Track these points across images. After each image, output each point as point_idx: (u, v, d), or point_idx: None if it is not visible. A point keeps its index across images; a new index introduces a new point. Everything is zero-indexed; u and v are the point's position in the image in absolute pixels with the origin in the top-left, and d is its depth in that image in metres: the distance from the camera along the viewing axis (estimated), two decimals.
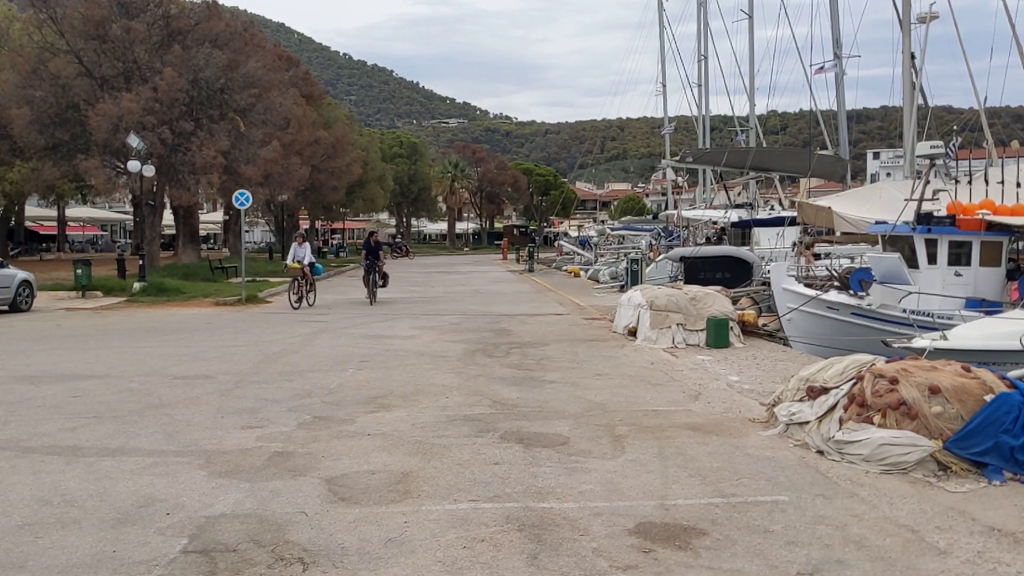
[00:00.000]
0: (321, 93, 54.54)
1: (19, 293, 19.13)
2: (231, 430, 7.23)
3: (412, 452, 6.44)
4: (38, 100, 27.95)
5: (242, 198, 22.79)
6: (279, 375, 10.27)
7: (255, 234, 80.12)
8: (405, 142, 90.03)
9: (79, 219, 63.04)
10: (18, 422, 7.59)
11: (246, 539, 4.56)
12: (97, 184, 30.70)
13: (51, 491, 5.47)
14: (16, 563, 4.23)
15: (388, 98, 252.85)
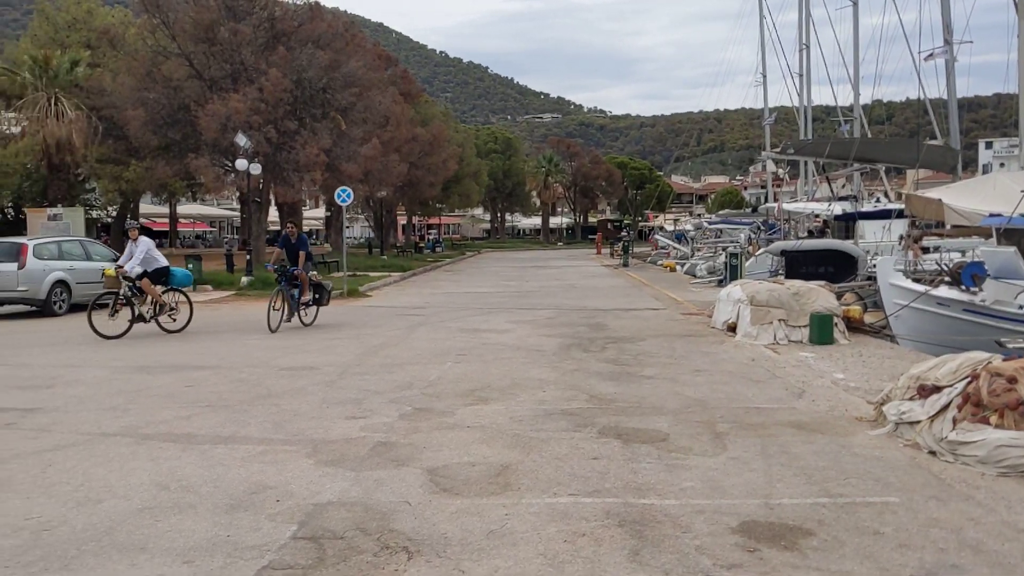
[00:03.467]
0: (418, 91, 55.30)
1: None
2: (336, 420, 7.42)
3: (511, 445, 6.49)
4: (152, 102, 29.19)
5: (344, 195, 23.32)
6: (380, 367, 10.48)
7: (355, 230, 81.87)
8: (500, 138, 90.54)
9: (189, 216, 65.59)
10: (136, 410, 7.96)
11: (352, 527, 4.68)
12: (207, 182, 31.89)
13: (168, 476, 5.71)
14: (138, 545, 4.44)
15: (483, 94, 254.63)
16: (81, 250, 19.36)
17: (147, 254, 14.10)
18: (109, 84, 32.01)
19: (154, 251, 14.40)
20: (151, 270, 14.09)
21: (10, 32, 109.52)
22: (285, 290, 14.68)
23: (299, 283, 15.04)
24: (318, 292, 15.43)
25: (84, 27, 39.82)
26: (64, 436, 6.90)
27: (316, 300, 15.38)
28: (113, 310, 13.72)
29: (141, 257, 13.96)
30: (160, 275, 14.29)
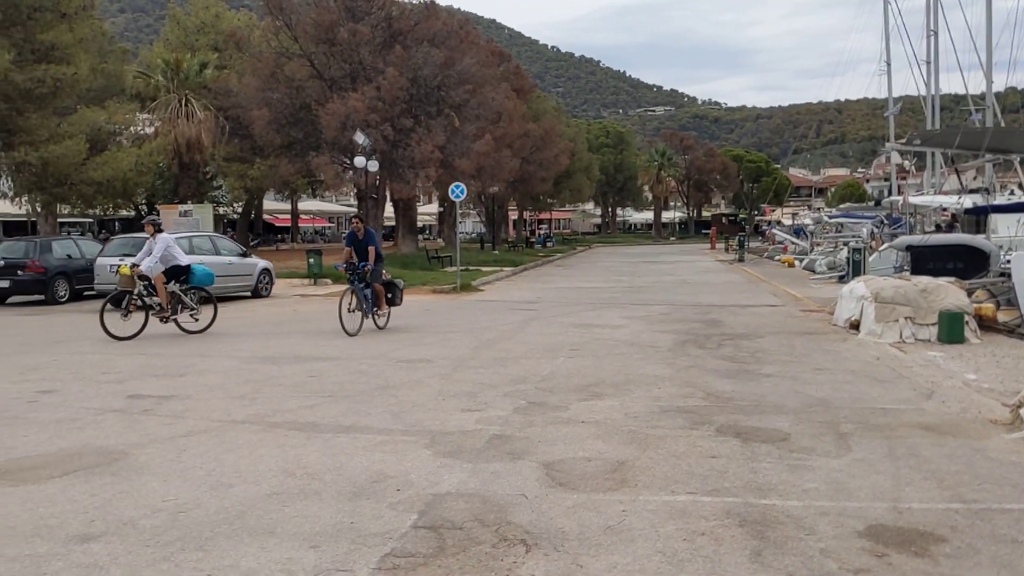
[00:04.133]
0: (530, 86, 55.46)
1: (260, 280, 20.84)
2: (452, 412, 7.53)
3: (626, 441, 6.45)
4: (275, 102, 30.27)
5: (457, 190, 23.63)
6: (494, 361, 10.58)
7: (466, 225, 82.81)
8: (611, 132, 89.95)
9: (309, 212, 67.68)
10: (263, 399, 8.27)
11: (471, 518, 4.75)
12: (326, 179, 32.84)
13: (294, 463, 5.92)
14: (267, 529, 4.61)
15: (595, 88, 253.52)
16: (210, 245, 20.23)
17: (166, 251, 13.41)
18: (235, 85, 33.34)
19: (173, 248, 13.70)
20: (169, 268, 13.45)
21: (144, 37, 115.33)
22: (358, 290, 13.49)
23: (370, 281, 13.76)
24: (390, 291, 14.26)
25: (212, 30, 41.60)
26: (197, 423, 7.23)
27: (389, 300, 14.23)
28: (126, 310, 13.02)
29: (160, 255, 13.25)
30: (179, 273, 13.60)
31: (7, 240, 25.36)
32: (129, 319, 12.98)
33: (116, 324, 12.80)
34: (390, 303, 14.28)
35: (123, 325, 12.90)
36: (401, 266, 28.61)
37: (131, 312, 13.05)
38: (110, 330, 12.77)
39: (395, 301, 14.46)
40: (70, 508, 4.97)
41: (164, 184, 41.51)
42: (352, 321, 13.19)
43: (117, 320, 12.85)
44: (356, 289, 13.46)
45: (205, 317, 13.89)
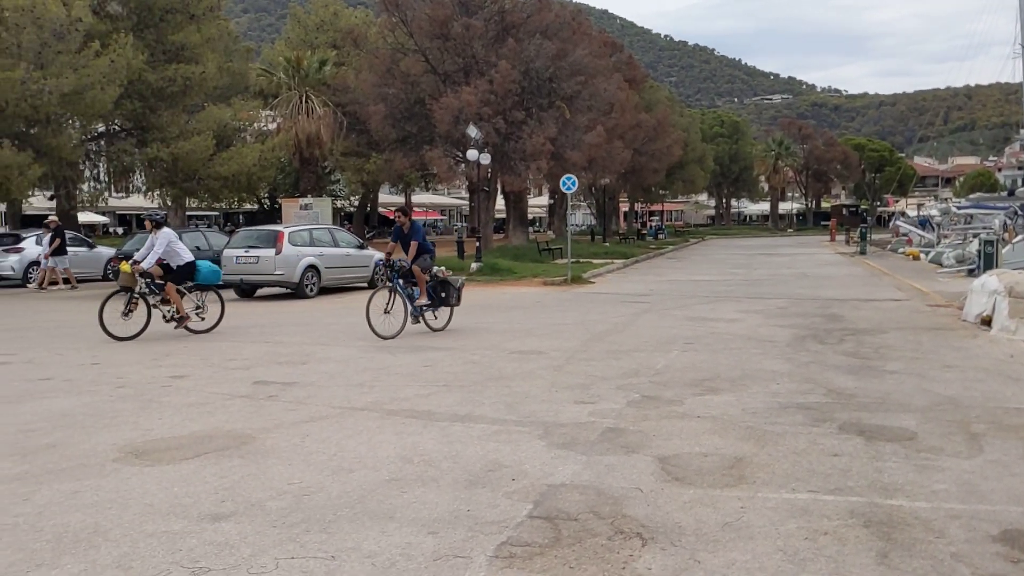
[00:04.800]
0: (643, 76, 54.89)
1: (376, 272, 21.29)
2: (565, 404, 7.54)
3: (744, 437, 6.33)
4: (391, 97, 30.91)
5: (569, 182, 23.62)
6: (606, 353, 10.54)
7: (576, 217, 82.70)
8: (726, 121, 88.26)
9: (422, 204, 68.86)
10: (381, 387, 8.47)
11: (586, 510, 4.75)
12: (439, 172, 33.32)
13: (411, 451, 6.04)
14: (387, 514, 4.73)
15: (708, 77, 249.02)
16: (329, 237, 20.82)
17: (168, 247, 12.59)
18: (352, 81, 34.19)
19: (177, 244, 12.81)
20: (173, 266, 12.71)
21: (266, 36, 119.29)
22: (400, 289, 12.36)
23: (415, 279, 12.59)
24: (443, 290, 12.82)
25: (331, 28, 42.74)
26: (318, 409, 7.47)
27: (443, 300, 12.86)
28: (127, 309, 12.28)
29: (161, 250, 12.48)
30: (184, 271, 12.81)
31: (140, 233, 26.68)
32: (130, 318, 12.26)
33: (116, 324, 12.08)
34: (444, 303, 12.87)
35: (124, 325, 12.17)
36: (512, 258, 28.83)
37: (132, 311, 12.30)
38: (110, 330, 12.00)
39: (449, 301, 12.88)
40: (202, 488, 5.21)
41: (285, 178, 42.99)
42: (387, 324, 12.05)
43: (117, 320, 12.10)
44: (397, 288, 12.33)
45: (212, 315, 13.21)
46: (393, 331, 12.04)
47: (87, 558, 4.13)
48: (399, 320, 12.19)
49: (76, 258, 25.10)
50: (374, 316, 12.06)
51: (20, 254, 23.72)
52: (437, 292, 12.74)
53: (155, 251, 12.41)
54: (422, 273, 12.52)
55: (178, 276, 12.67)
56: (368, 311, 12.11)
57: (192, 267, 12.86)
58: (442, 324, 12.94)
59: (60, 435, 6.61)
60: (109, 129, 32.12)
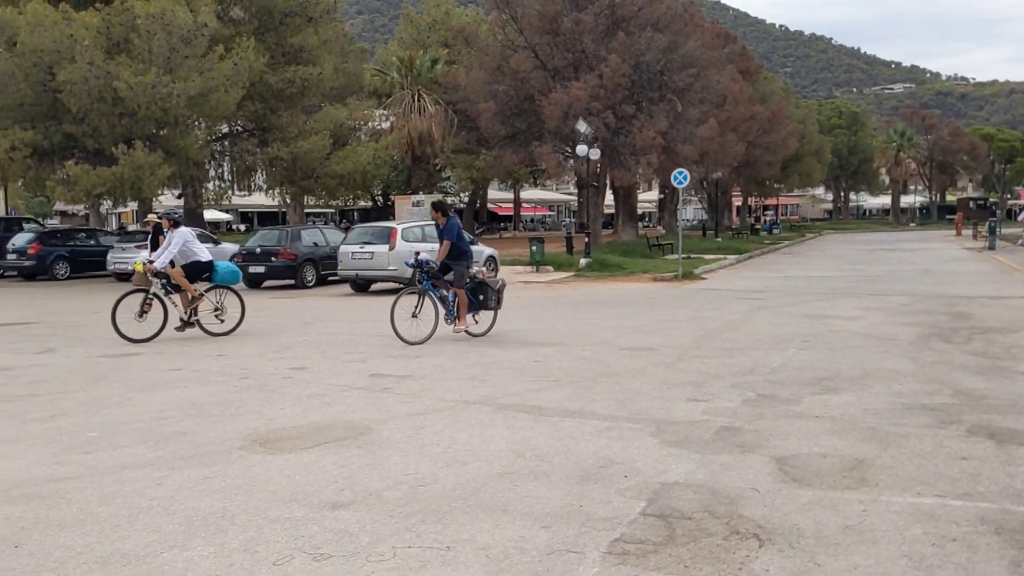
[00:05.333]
0: (757, 68, 53.66)
1: (486, 267, 21.52)
2: (677, 401, 7.45)
3: (865, 438, 6.12)
4: (501, 94, 31.13)
5: (680, 176, 23.30)
6: (719, 351, 10.36)
7: (687, 211, 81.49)
8: (844, 112, 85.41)
9: (531, 200, 69.15)
10: (492, 381, 8.55)
11: (700, 508, 4.68)
12: (548, 168, 33.39)
13: (523, 445, 6.08)
14: (500, 507, 4.77)
15: (826, 67, 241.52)
16: None
17: (183, 247, 12.19)
18: (463, 79, 34.61)
19: (193, 244, 12.40)
20: (189, 264, 12.33)
21: (379, 37, 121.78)
22: (431, 292, 11.49)
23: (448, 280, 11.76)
24: (481, 292, 11.84)
25: (442, 27, 43.39)
26: (431, 402, 7.60)
27: (480, 303, 11.85)
28: (142, 310, 11.85)
29: (176, 250, 12.05)
30: (200, 271, 12.42)
31: (262, 229, 27.68)
32: (145, 320, 11.86)
33: (130, 326, 11.70)
34: (481, 306, 11.85)
35: (138, 327, 11.75)
36: (622, 253, 28.65)
37: (147, 313, 11.89)
38: (123, 332, 11.60)
39: (488, 304, 11.88)
40: (322, 477, 5.37)
41: (398, 176, 43.86)
42: (413, 328, 11.19)
43: (131, 321, 11.73)
44: (427, 290, 11.47)
45: (232, 317, 12.67)
46: (421, 336, 11.17)
47: (216, 541, 4.31)
48: (428, 325, 11.28)
49: None
50: (399, 320, 11.17)
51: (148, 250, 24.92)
52: (475, 294, 11.76)
53: (169, 250, 11.95)
54: (461, 290, 11.46)
55: (190, 274, 12.26)
56: (392, 314, 11.22)
57: (208, 267, 12.45)
58: (483, 329, 11.93)
59: (190, 423, 6.93)
60: (232, 130, 33.45)
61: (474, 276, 11.86)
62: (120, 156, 24.76)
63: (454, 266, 11.53)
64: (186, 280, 12.14)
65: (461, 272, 11.51)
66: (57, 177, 27.22)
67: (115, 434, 6.61)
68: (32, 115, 26.08)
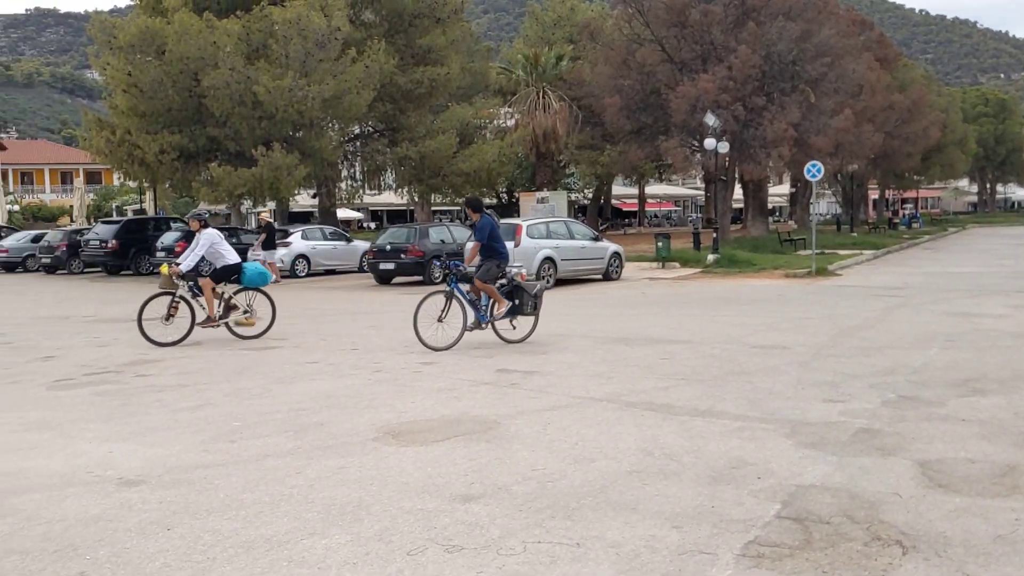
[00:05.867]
0: (895, 55, 51.29)
1: (611, 264, 21.43)
2: (812, 402, 7.22)
3: (1017, 443, 5.78)
4: (626, 88, 30.90)
5: (813, 169, 22.58)
6: (856, 350, 9.98)
7: (820, 205, 78.75)
8: (991, 99, 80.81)
9: (656, 196, 68.35)
10: (619, 378, 8.50)
11: (838, 513, 4.53)
12: (675, 162, 32.91)
13: (651, 443, 6.01)
14: (629, 505, 4.74)
15: (970, 52, 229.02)
16: (565, 229, 21.14)
17: (211, 249, 11.90)
18: (588, 75, 34.50)
19: (221, 245, 12.08)
20: (218, 267, 12.03)
21: (505, 35, 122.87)
22: (460, 294, 10.76)
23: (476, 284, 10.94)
24: (517, 296, 10.99)
25: (567, 23, 43.41)
26: (558, 398, 7.62)
27: (516, 308, 11.00)
28: (169, 313, 11.55)
29: (203, 252, 11.78)
30: (228, 273, 12.05)
31: (392, 227, 28.38)
32: (171, 323, 11.55)
33: (156, 329, 11.48)
34: (518, 311, 11.02)
35: (164, 330, 11.50)
36: (751, 249, 27.98)
37: (173, 316, 11.57)
38: (149, 335, 11.39)
39: (524, 310, 11.02)
40: (452, 470, 5.47)
41: (522, 173, 44.15)
42: (440, 333, 10.54)
43: (158, 325, 11.49)
44: (456, 293, 10.74)
45: (261, 322, 12.32)
46: (446, 342, 10.51)
47: (352, 530, 4.45)
48: (455, 330, 10.61)
49: (335, 251, 27.18)
50: (423, 324, 10.54)
51: (288, 248, 25.94)
52: (511, 299, 10.99)
53: (196, 252, 11.71)
54: (484, 283, 10.79)
55: (218, 276, 11.99)
56: (416, 317, 10.61)
57: (237, 269, 12.08)
58: (521, 336, 11.07)
59: (326, 415, 7.18)
60: (363, 131, 34.43)
61: (511, 279, 11.04)
62: (259, 158, 25.87)
63: (484, 263, 10.92)
64: (211, 293, 11.81)
65: (489, 267, 10.86)
66: (201, 178, 28.67)
67: (257, 424, 6.91)
68: (179, 120, 27.56)
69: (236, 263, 12.10)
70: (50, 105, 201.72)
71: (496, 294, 10.82)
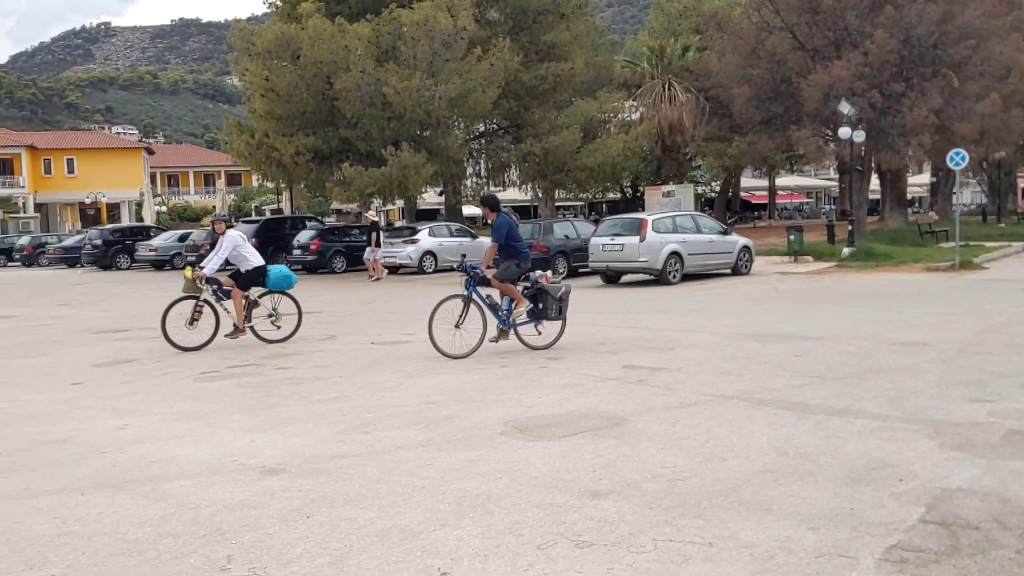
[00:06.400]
0: None
1: (740, 258, 20.95)
2: (957, 401, 6.87)
3: None
4: (756, 78, 30.14)
5: (957, 157, 21.45)
6: (1005, 347, 9.44)
7: (964, 195, 74.70)
8: None
9: (786, 187, 66.38)
10: (750, 376, 8.31)
11: (988, 518, 4.29)
12: (807, 153, 31.91)
13: (785, 443, 5.85)
14: (763, 505, 4.63)
15: None
16: (692, 223, 20.81)
17: (234, 251, 11.63)
18: (715, 65, 33.82)
19: (244, 248, 11.78)
20: (243, 271, 11.71)
21: (629, 28, 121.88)
22: (480, 298, 10.13)
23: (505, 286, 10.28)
24: (541, 300, 10.31)
25: (693, 13, 42.68)
26: (686, 395, 7.51)
27: (539, 311, 10.34)
28: (192, 317, 11.34)
29: (226, 255, 11.57)
30: (253, 276, 11.74)
31: None
32: (195, 327, 11.35)
33: (180, 333, 11.27)
34: (542, 315, 10.38)
35: (188, 334, 11.28)
36: (889, 241, 26.81)
37: (197, 320, 11.36)
38: (173, 340, 11.20)
39: (548, 314, 10.34)
40: (580, 465, 5.47)
41: (647, 167, 43.71)
42: (457, 339, 9.93)
43: (181, 328, 11.28)
44: (474, 296, 10.10)
45: (288, 325, 12.00)
46: (465, 349, 9.92)
47: (482, 523, 4.51)
48: (475, 336, 10.04)
49: (461, 247, 27.56)
50: (439, 329, 9.91)
51: (416, 245, 26.50)
52: (535, 303, 10.36)
53: (219, 255, 11.55)
54: (501, 283, 10.19)
55: (245, 281, 11.71)
56: (431, 322, 9.94)
57: (261, 272, 11.78)
58: (547, 341, 10.42)
59: (455, 408, 7.30)
60: (488, 128, 34.81)
61: (535, 281, 10.37)
62: (389, 157, 26.53)
63: (504, 262, 10.33)
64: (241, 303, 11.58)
65: (508, 266, 10.27)
66: (334, 178, 29.62)
67: (389, 416, 7.10)
68: (313, 122, 28.57)
69: (261, 265, 11.83)
70: (193, 111, 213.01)
71: (515, 293, 10.22)
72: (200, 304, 11.45)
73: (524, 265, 10.36)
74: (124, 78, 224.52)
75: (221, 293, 11.56)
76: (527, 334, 10.48)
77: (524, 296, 10.31)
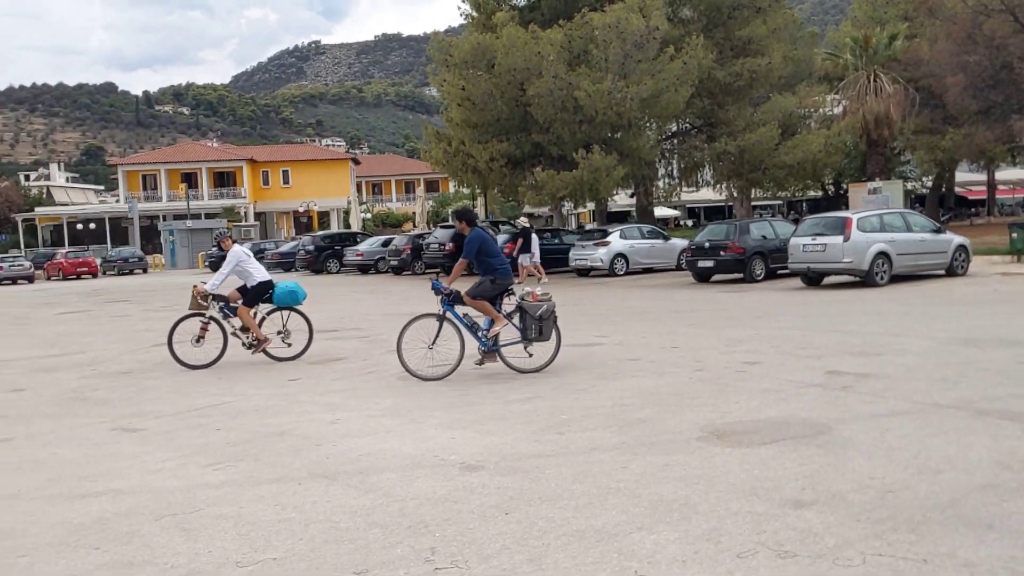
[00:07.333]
0: None
1: (955, 258, 19.54)
2: None
3: None
4: (972, 65, 28.13)
5: None
6: None
7: None
8: None
9: (1008, 182, 61.34)
10: (968, 384, 7.74)
11: None
12: None
13: (1009, 456, 5.41)
14: (984, 522, 4.31)
15: None
16: (901, 222, 19.60)
17: (238, 267, 11.32)
18: (926, 53, 31.82)
19: (249, 263, 11.43)
20: (249, 286, 11.37)
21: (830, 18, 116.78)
22: (455, 317, 9.48)
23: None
24: (522, 321, 9.44)
25: (902, 0, 40.24)
26: (897, 403, 7.09)
27: (520, 331, 9.48)
28: (199, 335, 11.03)
29: (228, 271, 11.20)
30: (261, 292, 11.39)
31: (711, 224, 28.05)
32: (202, 345, 11.01)
33: (188, 351, 11.01)
34: (522, 335, 9.48)
35: (195, 352, 11.00)
36: None
37: (203, 338, 11.05)
38: (180, 357, 11.01)
39: (527, 334, 9.41)
40: (782, 474, 5.29)
41: (851, 163, 41.65)
42: (430, 360, 9.28)
43: (189, 346, 10.99)
44: (448, 314, 9.47)
45: (298, 342, 11.57)
46: (439, 372, 9.31)
47: (680, 528, 4.46)
48: (452, 357, 9.36)
49: (653, 249, 27.36)
50: (409, 350, 9.35)
51: (607, 247, 26.51)
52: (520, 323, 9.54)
53: (222, 272, 11.19)
54: (474, 300, 9.45)
55: (251, 297, 11.42)
56: (400, 343, 9.40)
57: (267, 287, 11.42)
58: (536, 365, 9.55)
59: (649, 411, 7.25)
60: (680, 128, 34.34)
61: (521, 298, 9.55)
62: (580, 160, 26.72)
63: (480, 278, 9.62)
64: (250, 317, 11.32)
65: (481, 282, 9.55)
66: (527, 183, 30.17)
67: (583, 417, 7.15)
68: (507, 128, 29.22)
69: (267, 280, 11.47)
70: (395, 122, 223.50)
71: (491, 311, 9.44)
72: (206, 321, 11.24)
73: (501, 282, 9.58)
74: (332, 93, 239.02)
75: (228, 310, 11.33)
76: (513, 356, 9.61)
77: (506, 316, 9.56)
